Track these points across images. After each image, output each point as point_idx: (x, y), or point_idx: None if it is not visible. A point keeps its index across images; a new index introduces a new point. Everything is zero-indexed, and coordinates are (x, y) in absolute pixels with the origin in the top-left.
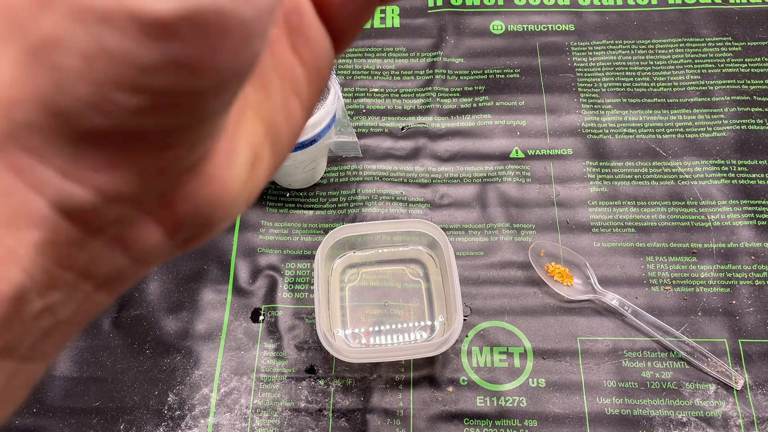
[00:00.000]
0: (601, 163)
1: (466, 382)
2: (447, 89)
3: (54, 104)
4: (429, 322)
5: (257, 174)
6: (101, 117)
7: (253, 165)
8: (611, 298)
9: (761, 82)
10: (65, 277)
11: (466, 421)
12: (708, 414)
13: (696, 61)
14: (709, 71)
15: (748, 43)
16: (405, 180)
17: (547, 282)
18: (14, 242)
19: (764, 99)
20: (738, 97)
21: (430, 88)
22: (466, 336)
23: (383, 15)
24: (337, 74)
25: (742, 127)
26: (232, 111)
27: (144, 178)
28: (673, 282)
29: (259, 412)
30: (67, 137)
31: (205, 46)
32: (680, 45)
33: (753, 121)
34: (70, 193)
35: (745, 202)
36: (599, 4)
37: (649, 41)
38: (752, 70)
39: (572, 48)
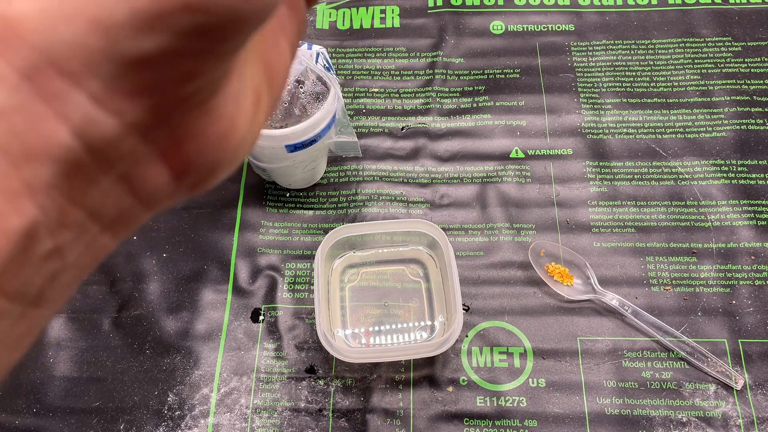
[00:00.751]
0: (601, 163)
1: (466, 382)
2: (447, 89)
3: (107, 21)
4: (429, 322)
5: (259, 115)
6: (154, 37)
7: (255, 105)
8: (611, 298)
9: (761, 82)
10: (75, 216)
11: (466, 421)
12: (708, 414)
13: (696, 61)
14: (709, 71)
15: (748, 43)
16: (405, 180)
17: (547, 282)
18: (31, 175)
19: (764, 99)
20: (738, 97)
21: (430, 88)
22: (466, 336)
23: (383, 15)
24: (337, 74)
25: (742, 127)
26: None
27: (164, 109)
28: (673, 282)
29: (259, 412)
30: (112, 59)
31: None
32: (680, 45)
33: (753, 121)
34: (97, 120)
35: (745, 202)
36: (599, 4)
37: (649, 41)
38: (752, 70)
39: (572, 48)
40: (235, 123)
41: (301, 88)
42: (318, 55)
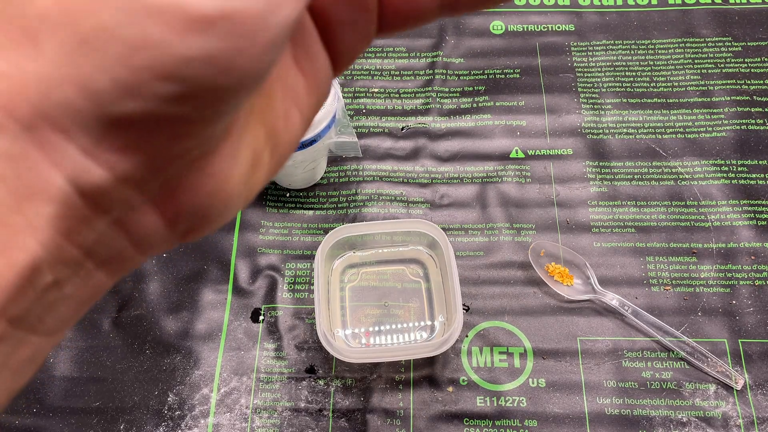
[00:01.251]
0: (601, 163)
1: (466, 382)
2: (447, 89)
3: (92, 87)
4: (429, 322)
5: (257, 176)
6: (133, 101)
7: (253, 167)
8: (611, 298)
9: (761, 82)
10: (72, 254)
11: (466, 421)
12: (708, 414)
13: (696, 61)
14: (709, 71)
15: (748, 43)
16: (405, 180)
17: (547, 282)
18: (32, 215)
19: (764, 99)
20: (738, 97)
21: (430, 88)
22: (466, 336)
23: None
24: None
25: (742, 127)
26: (240, 113)
27: (155, 164)
28: (673, 282)
29: (259, 412)
30: (97, 118)
31: (236, 45)
32: (680, 45)
33: (753, 121)
34: (88, 170)
35: (745, 202)
36: (599, 4)
37: (649, 41)
38: (752, 70)
39: (572, 48)
40: (229, 181)
41: None
42: None
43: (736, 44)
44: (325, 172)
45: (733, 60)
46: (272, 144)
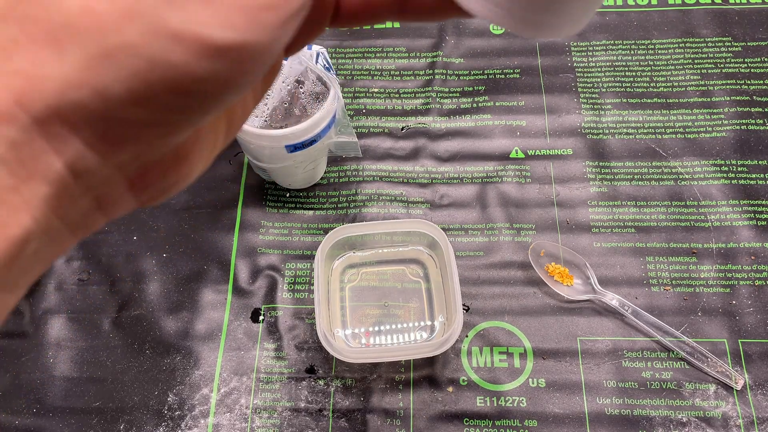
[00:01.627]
0: (601, 163)
1: (466, 382)
2: (447, 89)
3: (108, 93)
4: (429, 322)
5: (213, 151)
6: (143, 109)
7: (212, 150)
8: (611, 298)
9: (761, 82)
10: (56, 226)
11: (466, 421)
12: (708, 414)
13: (696, 61)
14: (709, 71)
15: (748, 43)
16: (405, 180)
17: (547, 282)
18: (29, 194)
19: (764, 99)
20: (738, 97)
21: (430, 88)
22: (466, 336)
23: None
24: (337, 74)
25: (742, 127)
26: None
27: (142, 153)
28: (673, 282)
29: (259, 412)
30: (105, 119)
31: (240, 68)
32: (680, 45)
33: (753, 121)
34: (85, 158)
35: (745, 202)
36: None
37: (649, 41)
38: (752, 70)
39: (572, 48)
40: (194, 161)
41: (301, 88)
42: (318, 55)
43: (736, 44)
44: (325, 172)
45: (733, 60)
46: (228, 127)
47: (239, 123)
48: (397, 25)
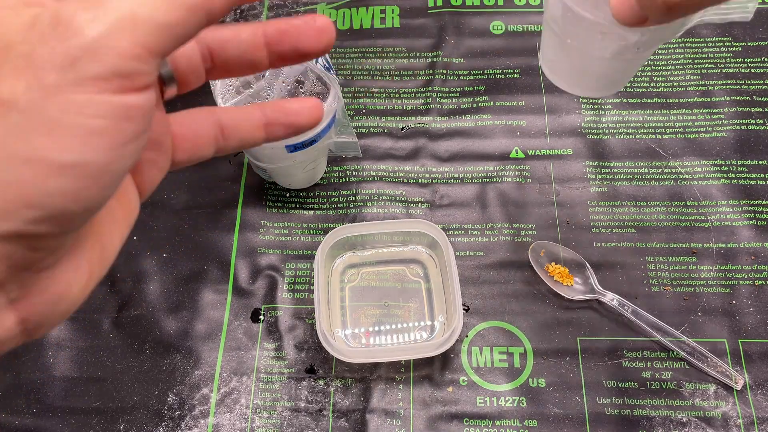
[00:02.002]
0: (601, 163)
1: (466, 382)
2: (447, 89)
3: None
4: (429, 322)
5: (90, 284)
6: (4, 223)
7: (89, 279)
8: (611, 298)
9: (761, 82)
10: None
11: (466, 421)
12: (708, 414)
13: (696, 61)
14: (709, 71)
15: (748, 43)
16: (405, 180)
17: (547, 282)
18: None
19: (764, 99)
20: (738, 97)
21: (430, 88)
22: (466, 336)
23: (383, 15)
24: (337, 74)
25: (742, 127)
26: (83, 234)
27: (16, 270)
28: (673, 282)
29: (259, 412)
30: None
31: (84, 184)
32: (680, 45)
33: (753, 121)
34: None
35: (745, 202)
36: None
37: None
38: (752, 70)
39: None
40: (72, 287)
41: (301, 88)
42: None
43: (736, 44)
44: (325, 172)
45: (733, 60)
46: (100, 258)
47: (111, 254)
48: (397, 24)
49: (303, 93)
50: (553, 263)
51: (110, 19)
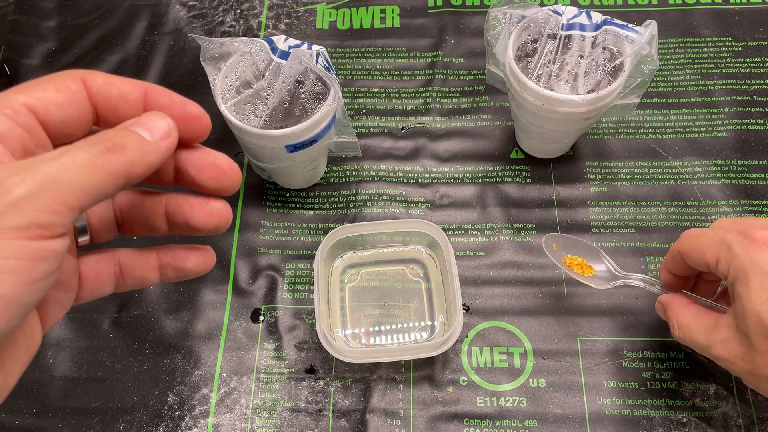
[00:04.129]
0: (601, 163)
1: (466, 382)
2: (447, 89)
3: None
4: (429, 322)
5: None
6: None
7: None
8: (636, 278)
9: (761, 82)
10: None
11: (466, 422)
12: (708, 414)
13: (696, 61)
14: (709, 71)
15: (748, 43)
16: (405, 180)
17: (571, 275)
18: None
19: (764, 99)
20: (738, 97)
21: (430, 88)
22: (466, 336)
23: (383, 15)
24: (337, 74)
25: (743, 127)
26: None
27: None
28: None
29: (259, 413)
30: None
31: None
32: (680, 45)
33: (753, 121)
34: None
35: (745, 202)
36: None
37: None
38: (752, 70)
39: None
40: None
41: (301, 88)
42: (318, 55)
43: (736, 44)
44: (325, 172)
45: (733, 60)
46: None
47: (10, 385)
48: (397, 24)
49: (303, 93)
50: (569, 255)
51: (36, 182)
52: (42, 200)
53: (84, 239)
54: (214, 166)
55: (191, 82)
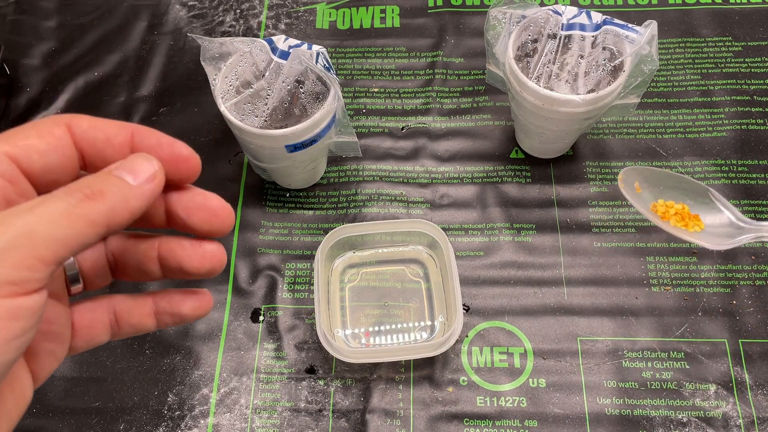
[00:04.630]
0: (601, 163)
1: (466, 382)
2: (447, 89)
3: None
4: (429, 322)
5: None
6: None
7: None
8: None
9: (761, 82)
10: None
11: (466, 422)
12: (708, 414)
13: (696, 61)
14: (709, 71)
15: (748, 43)
16: (405, 180)
17: (667, 230)
18: None
19: (764, 99)
20: (738, 97)
21: (430, 88)
22: (466, 336)
23: (383, 15)
24: (337, 74)
25: (742, 127)
26: None
27: None
28: (674, 282)
29: (259, 412)
30: None
31: None
32: (680, 45)
33: (753, 121)
34: None
35: (745, 201)
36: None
37: None
38: (752, 70)
39: None
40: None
41: (301, 88)
42: (318, 55)
43: (736, 44)
44: (325, 172)
45: (733, 60)
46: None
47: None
48: (397, 24)
49: (303, 93)
50: (660, 200)
51: (8, 237)
52: (14, 255)
53: (77, 287)
54: (205, 207)
55: (191, 82)
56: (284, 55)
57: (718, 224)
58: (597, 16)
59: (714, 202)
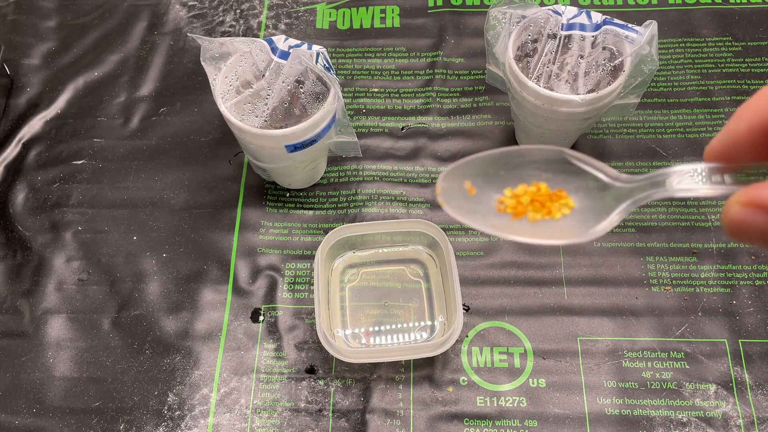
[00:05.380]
0: None
1: (466, 382)
2: (447, 89)
3: None
4: (429, 322)
5: None
6: None
7: None
8: (689, 169)
9: (761, 82)
10: None
11: (466, 422)
12: (708, 414)
13: (696, 61)
14: (710, 71)
15: (748, 43)
16: (405, 180)
17: (525, 242)
18: None
19: None
20: (738, 97)
21: (430, 88)
22: (466, 336)
23: (383, 15)
24: (337, 74)
25: None
26: None
27: None
28: (674, 282)
29: (259, 412)
30: None
31: None
32: (680, 45)
33: None
34: None
35: None
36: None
37: None
38: (752, 70)
39: None
40: None
41: (301, 88)
42: (318, 55)
43: (736, 44)
44: (325, 172)
45: (733, 60)
46: None
47: None
48: (397, 24)
49: (303, 93)
50: (507, 190)
51: None
52: None
53: None
54: None
55: (191, 82)
56: (284, 55)
57: (593, 197)
58: (597, 16)
59: (577, 165)
